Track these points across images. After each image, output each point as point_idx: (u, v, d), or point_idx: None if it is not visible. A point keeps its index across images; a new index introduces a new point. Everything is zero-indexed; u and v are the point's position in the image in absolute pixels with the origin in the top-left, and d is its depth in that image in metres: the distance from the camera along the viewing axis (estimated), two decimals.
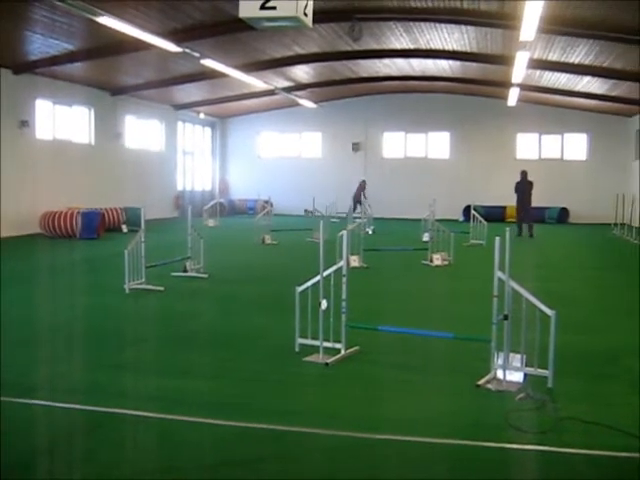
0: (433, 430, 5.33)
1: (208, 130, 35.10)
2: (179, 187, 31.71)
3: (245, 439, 5.12)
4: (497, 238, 6.32)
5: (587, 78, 23.50)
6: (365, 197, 28.62)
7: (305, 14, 10.71)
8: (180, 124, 31.66)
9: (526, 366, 6.43)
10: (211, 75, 23.13)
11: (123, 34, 15.95)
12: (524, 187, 23.37)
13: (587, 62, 20.84)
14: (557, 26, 16.41)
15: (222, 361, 7.26)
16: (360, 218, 18.58)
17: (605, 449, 4.93)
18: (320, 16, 14.08)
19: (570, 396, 6.12)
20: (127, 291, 11.03)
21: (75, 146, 23.96)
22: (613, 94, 25.93)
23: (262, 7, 10.17)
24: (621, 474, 4.62)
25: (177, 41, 17.56)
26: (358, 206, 29.65)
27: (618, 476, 4.60)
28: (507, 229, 6.41)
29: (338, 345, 7.21)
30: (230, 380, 6.62)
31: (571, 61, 21.06)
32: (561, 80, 24.77)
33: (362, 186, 30.09)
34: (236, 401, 5.99)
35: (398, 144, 34.16)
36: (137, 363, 7.18)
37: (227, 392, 6.25)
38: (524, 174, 23.59)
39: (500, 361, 6.45)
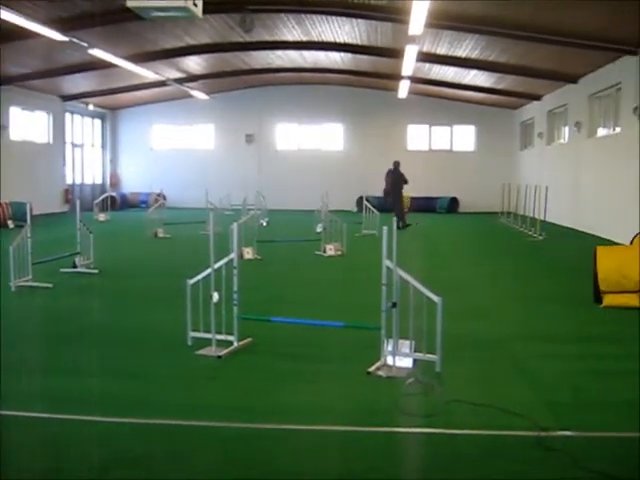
0: (324, 418, 5.41)
1: (98, 122, 34.16)
2: (68, 180, 30.69)
3: (136, 436, 5.05)
4: (384, 228, 6.45)
5: (474, 72, 24.22)
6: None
7: (195, 4, 10.65)
8: (68, 115, 30.66)
9: (415, 352, 6.60)
10: (100, 65, 22.49)
11: (6, 22, 15.31)
12: (393, 177, 22.48)
13: (473, 56, 21.47)
14: (444, 21, 16.88)
15: (112, 357, 7.10)
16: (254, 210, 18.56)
17: (490, 429, 5.14)
18: (211, 7, 13.98)
19: (457, 379, 6.32)
20: (13, 289, 10.64)
21: None
22: (499, 87, 26.85)
23: None
24: (504, 451, 4.82)
25: (64, 30, 17.01)
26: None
27: (502, 453, 4.78)
28: (394, 219, 6.55)
29: (231, 337, 7.19)
30: (120, 376, 6.49)
31: (458, 55, 21.65)
32: (449, 73, 25.40)
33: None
34: (127, 397, 5.88)
35: (292, 136, 34.26)
36: (21, 363, 6.91)
37: (117, 389, 6.12)
38: (396, 164, 22.76)
39: (390, 348, 6.59)
